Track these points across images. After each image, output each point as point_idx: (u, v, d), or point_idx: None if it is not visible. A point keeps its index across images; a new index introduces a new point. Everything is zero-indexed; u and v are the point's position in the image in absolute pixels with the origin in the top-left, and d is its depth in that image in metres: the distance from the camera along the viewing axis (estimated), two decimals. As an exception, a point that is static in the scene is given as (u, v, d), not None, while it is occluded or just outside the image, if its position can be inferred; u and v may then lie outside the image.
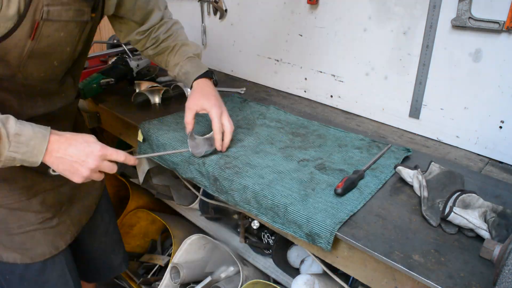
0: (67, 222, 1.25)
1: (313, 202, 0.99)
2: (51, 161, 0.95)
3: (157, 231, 2.24)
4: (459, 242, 0.89)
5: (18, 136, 0.88)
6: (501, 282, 0.64)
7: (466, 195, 0.96)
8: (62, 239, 1.23)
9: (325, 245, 0.92)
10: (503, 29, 1.15)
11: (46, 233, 1.18)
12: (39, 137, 0.92)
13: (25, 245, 1.15)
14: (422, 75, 1.37)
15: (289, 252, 1.60)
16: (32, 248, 1.16)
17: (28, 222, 1.14)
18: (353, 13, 1.50)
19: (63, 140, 0.95)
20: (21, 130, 0.89)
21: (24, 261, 1.15)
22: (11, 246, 1.13)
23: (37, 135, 0.91)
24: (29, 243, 1.15)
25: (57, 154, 0.94)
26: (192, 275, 1.75)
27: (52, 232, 1.20)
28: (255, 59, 1.92)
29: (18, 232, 1.13)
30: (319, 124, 1.44)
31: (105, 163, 0.99)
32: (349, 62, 1.57)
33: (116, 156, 1.01)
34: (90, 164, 0.96)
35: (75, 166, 0.95)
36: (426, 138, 1.43)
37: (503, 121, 1.24)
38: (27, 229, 1.14)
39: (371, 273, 0.92)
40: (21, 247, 1.14)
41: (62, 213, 1.24)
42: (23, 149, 0.89)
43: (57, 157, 0.94)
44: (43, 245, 1.18)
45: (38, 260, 1.17)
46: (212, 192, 1.18)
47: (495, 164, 1.27)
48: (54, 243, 1.20)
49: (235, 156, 1.20)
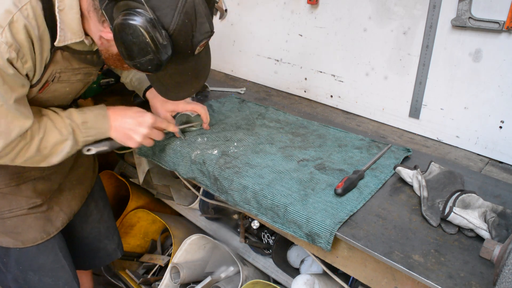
0: (57, 209, 1.30)
1: (313, 202, 0.99)
2: (113, 133, 1.14)
3: (157, 231, 2.24)
4: (459, 242, 0.89)
5: (85, 123, 1.09)
6: (501, 282, 0.64)
7: (466, 195, 0.96)
8: (53, 225, 1.28)
9: (325, 245, 0.92)
10: (503, 29, 1.15)
11: (37, 218, 1.23)
12: (100, 118, 1.11)
13: (16, 229, 1.20)
14: (422, 75, 1.37)
15: (289, 252, 1.60)
16: (23, 232, 1.22)
17: (19, 207, 1.20)
18: (353, 13, 1.50)
19: (118, 111, 1.15)
20: (85, 118, 1.09)
21: (17, 245, 1.21)
22: (3, 230, 1.20)
23: (98, 117, 1.11)
24: (20, 227, 1.21)
25: (115, 123, 1.13)
26: (192, 275, 1.75)
27: (43, 218, 1.25)
28: (255, 59, 1.92)
29: (9, 216, 1.18)
30: (319, 124, 1.44)
31: (154, 130, 1.18)
32: (349, 62, 1.57)
33: (161, 124, 1.20)
34: (142, 131, 1.15)
35: (130, 133, 1.14)
36: (426, 138, 1.43)
37: (503, 121, 1.24)
38: (18, 213, 1.20)
39: (371, 273, 0.92)
40: (13, 231, 1.20)
41: (52, 200, 1.29)
42: (93, 132, 1.11)
43: (115, 126, 1.13)
44: (34, 230, 1.23)
45: (29, 244, 1.23)
46: (213, 191, 1.19)
47: (495, 164, 1.27)
48: (45, 229, 1.26)
49: (235, 156, 1.20)
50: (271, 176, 1.10)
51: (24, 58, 0.92)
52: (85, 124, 1.09)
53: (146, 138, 1.17)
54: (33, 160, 1.04)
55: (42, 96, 1.07)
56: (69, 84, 1.11)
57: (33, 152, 1.02)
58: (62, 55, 1.01)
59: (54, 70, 1.02)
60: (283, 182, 1.07)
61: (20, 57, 0.91)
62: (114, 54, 0.99)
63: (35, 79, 1.00)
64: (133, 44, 0.87)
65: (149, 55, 0.88)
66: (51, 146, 1.04)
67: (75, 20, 0.95)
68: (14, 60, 0.90)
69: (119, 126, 1.13)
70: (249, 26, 1.90)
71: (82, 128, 1.08)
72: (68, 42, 0.97)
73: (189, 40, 0.92)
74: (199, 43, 0.95)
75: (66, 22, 0.94)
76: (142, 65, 0.91)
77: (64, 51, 1.01)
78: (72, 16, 0.94)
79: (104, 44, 0.98)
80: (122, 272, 2.05)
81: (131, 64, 0.92)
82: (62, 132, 1.05)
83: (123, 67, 1.04)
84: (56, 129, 1.04)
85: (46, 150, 1.04)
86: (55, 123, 1.05)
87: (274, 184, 1.06)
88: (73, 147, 1.08)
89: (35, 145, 1.02)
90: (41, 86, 1.04)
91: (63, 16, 0.93)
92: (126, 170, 2.18)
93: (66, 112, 1.08)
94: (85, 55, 1.08)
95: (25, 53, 0.91)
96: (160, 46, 0.87)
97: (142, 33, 0.85)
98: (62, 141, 1.06)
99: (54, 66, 1.02)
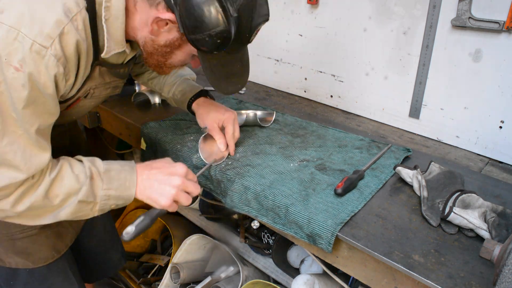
0: (66, 225, 1.25)
1: (314, 202, 0.99)
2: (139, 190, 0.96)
3: (157, 231, 2.24)
4: (459, 242, 0.89)
5: (108, 172, 0.92)
6: (501, 282, 0.64)
7: (466, 195, 0.96)
8: (63, 242, 1.23)
9: (326, 246, 0.92)
10: (503, 29, 1.15)
11: (47, 237, 1.18)
12: (127, 169, 0.95)
13: (27, 250, 1.14)
14: (422, 75, 1.37)
15: (289, 252, 1.60)
16: (34, 252, 1.16)
17: (30, 227, 1.11)
18: (353, 13, 1.50)
19: (145, 165, 0.99)
20: (109, 167, 0.93)
21: (27, 265, 1.15)
22: (13, 250, 1.13)
23: (125, 168, 0.95)
24: (31, 247, 1.15)
25: (142, 177, 0.96)
26: (192, 275, 1.75)
27: (53, 236, 1.19)
28: (255, 59, 1.92)
29: (20, 237, 1.12)
30: (318, 125, 1.44)
31: (190, 182, 0.98)
32: (349, 62, 1.57)
33: (192, 175, 1.02)
34: (175, 181, 0.95)
35: (161, 186, 0.95)
36: (426, 138, 1.43)
37: (503, 121, 1.24)
38: (29, 233, 1.13)
39: (371, 273, 0.92)
40: (24, 252, 1.14)
41: None
42: (115, 184, 0.92)
43: (143, 181, 0.95)
44: (45, 249, 1.17)
45: (40, 264, 1.17)
46: (216, 195, 1.18)
47: (495, 164, 1.27)
48: (55, 247, 1.20)
49: (235, 158, 1.20)
50: (272, 176, 1.10)
51: (68, 75, 0.85)
52: (108, 173, 0.92)
53: (181, 191, 0.97)
54: (37, 212, 0.87)
55: (66, 112, 0.99)
56: (98, 98, 1.05)
57: (40, 198, 0.85)
58: (99, 71, 0.97)
59: (90, 86, 0.97)
60: (284, 182, 1.07)
61: (65, 74, 0.83)
62: (161, 45, 0.93)
63: (69, 95, 0.93)
64: (203, 15, 0.83)
65: (220, 26, 0.84)
66: (63, 194, 0.87)
67: (120, 30, 0.90)
68: (60, 77, 0.82)
69: (149, 179, 0.96)
70: (249, 26, 1.89)
71: (103, 177, 0.91)
72: (112, 53, 0.92)
73: (250, 21, 0.89)
74: (258, 26, 0.92)
75: (111, 32, 0.89)
76: (212, 38, 0.86)
77: (102, 67, 0.97)
78: (117, 25, 0.89)
79: (154, 32, 0.91)
80: (122, 272, 2.05)
81: (198, 38, 0.86)
82: (79, 178, 0.88)
83: (165, 64, 0.99)
84: (73, 173, 0.88)
85: (57, 199, 0.87)
86: (73, 167, 0.90)
87: (275, 185, 1.06)
88: (88, 198, 0.89)
89: (44, 189, 0.85)
90: (72, 102, 0.97)
91: (109, 26, 0.87)
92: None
93: (89, 158, 0.94)
94: (119, 69, 1.04)
95: (70, 69, 0.84)
96: (231, 18, 0.84)
97: (214, 1, 0.81)
98: (77, 190, 0.88)
99: (90, 83, 0.96)
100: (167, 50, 0.95)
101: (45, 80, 0.79)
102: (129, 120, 1.48)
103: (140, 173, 0.96)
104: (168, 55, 0.97)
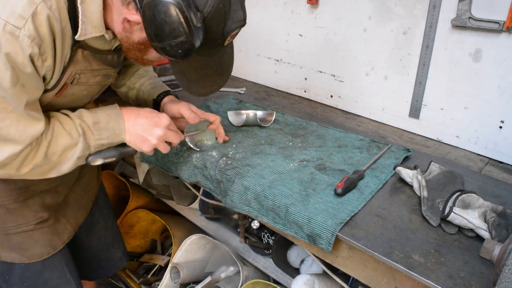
0: (64, 222, 1.25)
1: (314, 202, 0.99)
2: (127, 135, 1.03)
3: (157, 231, 2.24)
4: (459, 242, 0.89)
5: (97, 124, 0.98)
6: (501, 282, 0.64)
7: (466, 195, 0.96)
8: (59, 238, 1.23)
9: (326, 246, 0.92)
10: (503, 29, 1.15)
11: (43, 233, 1.18)
12: (114, 118, 1.01)
13: (22, 245, 1.15)
14: (422, 75, 1.37)
15: (289, 252, 1.59)
16: (30, 248, 1.16)
17: (26, 222, 1.13)
18: (353, 13, 1.50)
19: (131, 111, 1.05)
20: (97, 118, 0.99)
21: (22, 260, 1.15)
22: (9, 245, 1.14)
23: (112, 116, 1.01)
24: (26, 243, 1.15)
25: (128, 123, 1.03)
26: (192, 275, 1.75)
27: (49, 232, 1.20)
28: (255, 59, 1.92)
29: (15, 232, 1.13)
30: (318, 125, 1.44)
31: (171, 132, 1.07)
32: (349, 62, 1.57)
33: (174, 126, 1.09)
34: (158, 132, 1.04)
35: (144, 135, 1.03)
36: (426, 138, 1.43)
37: (503, 121, 1.24)
38: (25, 229, 1.14)
39: (371, 273, 0.92)
40: (19, 247, 1.15)
41: (58, 213, 1.24)
42: (106, 134, 0.99)
43: (130, 127, 1.03)
44: (41, 245, 1.18)
45: (36, 260, 1.17)
46: (216, 195, 1.18)
47: (495, 164, 1.27)
48: (51, 243, 1.20)
49: (235, 158, 1.20)
50: (272, 176, 1.10)
51: (44, 55, 0.85)
52: (97, 125, 0.98)
53: (162, 141, 1.06)
54: (41, 170, 0.95)
55: (58, 101, 1.01)
56: (87, 86, 1.04)
57: (40, 159, 0.92)
58: (82, 54, 0.95)
59: (74, 70, 0.96)
60: (284, 182, 1.07)
61: (41, 54, 0.83)
62: (135, 42, 0.93)
63: (53, 81, 0.93)
64: (164, 24, 0.81)
65: (181, 37, 0.83)
66: (60, 151, 0.94)
67: (97, 13, 0.89)
68: (35, 57, 0.82)
69: (132, 127, 1.03)
70: (249, 26, 1.89)
71: (94, 130, 0.97)
72: (88, 36, 0.90)
73: (221, 27, 0.88)
74: (231, 32, 0.90)
75: (87, 15, 0.88)
76: (172, 48, 0.85)
77: (85, 50, 0.95)
78: (94, 8, 0.88)
79: (126, 30, 0.91)
80: (122, 272, 2.05)
81: (159, 47, 0.86)
82: (72, 135, 0.95)
83: (143, 59, 0.98)
84: (65, 131, 0.94)
85: (55, 156, 0.94)
86: (64, 125, 0.95)
87: (275, 185, 1.06)
88: (84, 152, 0.98)
89: (43, 151, 0.92)
90: (59, 89, 0.97)
91: (85, 8, 0.87)
92: (126, 170, 2.18)
93: (76, 113, 0.99)
94: (106, 55, 1.02)
95: (46, 49, 0.84)
96: (193, 28, 0.82)
97: (176, 11, 0.79)
98: (72, 145, 0.95)
99: (74, 67, 0.95)
100: (141, 47, 0.94)
101: (22, 60, 0.80)
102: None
103: (127, 119, 1.03)
104: (144, 52, 0.96)
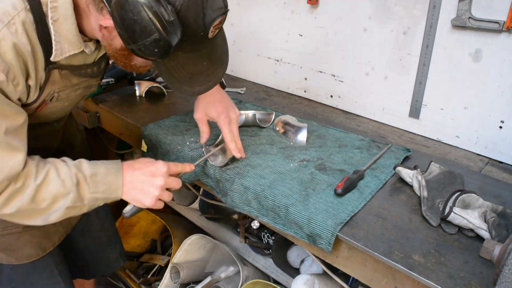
0: (56, 223, 1.22)
1: (314, 202, 0.99)
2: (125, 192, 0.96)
3: (157, 231, 2.24)
4: (459, 242, 0.89)
5: (94, 176, 0.92)
6: (501, 282, 0.64)
7: (466, 195, 0.96)
8: (49, 240, 1.21)
9: (326, 246, 0.92)
10: (503, 29, 1.15)
11: (33, 235, 1.16)
12: (112, 172, 0.95)
13: (10, 246, 1.13)
14: (422, 75, 1.37)
15: (289, 252, 1.60)
16: (18, 249, 1.14)
17: (14, 225, 1.10)
18: (353, 13, 1.50)
19: (129, 165, 0.98)
20: (95, 170, 0.93)
21: (10, 261, 1.14)
22: None
23: (111, 171, 0.95)
24: (14, 244, 1.13)
25: (126, 179, 0.96)
26: (192, 275, 1.75)
27: (39, 234, 1.18)
28: (255, 59, 1.92)
29: (3, 234, 1.11)
30: (318, 125, 1.44)
31: (171, 179, 1.00)
32: (349, 62, 1.57)
33: (175, 167, 1.02)
34: (158, 182, 0.96)
35: (145, 187, 0.96)
36: (426, 138, 1.43)
37: (503, 121, 1.24)
38: (12, 231, 1.11)
39: (371, 273, 0.92)
40: (7, 248, 1.13)
41: None
42: (101, 188, 0.93)
43: (127, 183, 0.96)
44: (30, 247, 1.16)
45: (24, 261, 1.16)
46: (216, 193, 1.18)
47: (495, 164, 1.27)
48: (41, 245, 1.19)
49: (235, 158, 1.20)
50: (272, 176, 1.10)
51: (15, 80, 0.80)
52: (94, 177, 0.92)
53: (164, 190, 0.99)
54: (26, 214, 0.88)
55: (39, 114, 0.98)
56: (68, 100, 1.01)
57: (26, 202, 0.85)
58: (60, 74, 0.91)
59: (52, 90, 0.92)
60: (284, 182, 1.07)
61: (11, 79, 0.79)
62: (118, 49, 0.88)
63: (30, 99, 0.90)
64: (134, 23, 0.75)
65: (153, 34, 0.76)
66: (50, 198, 0.88)
67: (72, 31, 0.85)
68: (3, 84, 0.78)
69: (133, 181, 0.96)
70: (249, 26, 1.89)
71: (90, 182, 0.92)
72: (66, 55, 0.87)
73: (200, 18, 0.82)
74: (212, 21, 0.84)
75: (62, 34, 0.84)
76: (147, 48, 0.79)
77: (63, 70, 0.91)
78: (68, 26, 0.84)
79: (106, 37, 0.86)
80: (122, 272, 2.05)
81: (135, 49, 0.80)
82: (65, 184, 0.89)
83: (131, 66, 0.94)
84: (59, 178, 0.88)
85: (44, 203, 0.87)
86: (59, 171, 0.89)
87: (275, 185, 1.06)
88: (75, 203, 0.91)
89: (29, 193, 0.85)
90: (38, 105, 0.93)
91: (58, 27, 0.83)
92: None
93: (76, 162, 0.93)
94: (85, 70, 0.98)
95: (16, 74, 0.80)
96: (166, 23, 0.76)
97: (143, 8, 0.74)
98: (64, 194, 0.89)
99: (51, 86, 0.92)
100: (125, 53, 0.90)
101: None
102: (129, 120, 1.48)
103: (125, 175, 0.97)
104: (129, 58, 0.92)
